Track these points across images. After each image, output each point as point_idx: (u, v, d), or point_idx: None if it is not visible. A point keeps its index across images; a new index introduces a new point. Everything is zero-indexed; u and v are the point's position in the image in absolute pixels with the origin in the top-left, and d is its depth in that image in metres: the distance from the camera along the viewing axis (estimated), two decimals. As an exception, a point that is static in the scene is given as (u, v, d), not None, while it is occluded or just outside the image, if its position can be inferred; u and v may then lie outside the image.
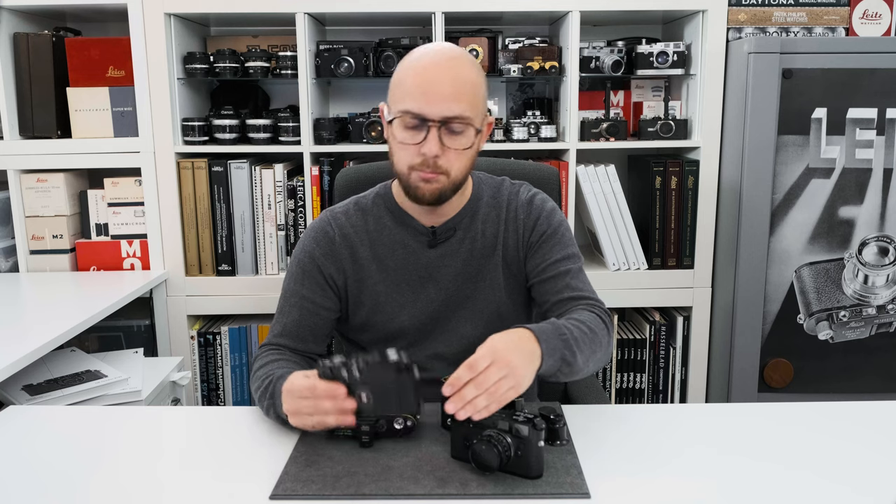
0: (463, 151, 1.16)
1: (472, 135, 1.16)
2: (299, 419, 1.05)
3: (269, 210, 2.12)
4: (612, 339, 1.19)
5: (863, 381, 2.07)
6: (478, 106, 1.16)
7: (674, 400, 2.26)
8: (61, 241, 2.11)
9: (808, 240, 2.00)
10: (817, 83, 1.93)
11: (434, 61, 1.14)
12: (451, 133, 1.14)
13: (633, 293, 2.15)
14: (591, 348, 1.11)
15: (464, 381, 0.95)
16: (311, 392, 1.02)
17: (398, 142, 1.17)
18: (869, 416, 1.17)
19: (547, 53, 2.11)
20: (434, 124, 1.13)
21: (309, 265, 1.27)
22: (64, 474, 1.00)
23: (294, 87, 2.07)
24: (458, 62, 1.15)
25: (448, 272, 1.27)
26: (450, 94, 1.12)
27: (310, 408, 1.03)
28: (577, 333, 1.09)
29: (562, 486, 0.94)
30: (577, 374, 1.10)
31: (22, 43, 2.04)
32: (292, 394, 1.04)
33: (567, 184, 2.10)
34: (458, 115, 1.13)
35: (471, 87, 1.15)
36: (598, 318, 1.17)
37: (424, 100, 1.12)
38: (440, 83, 1.12)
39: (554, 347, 1.05)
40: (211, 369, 2.21)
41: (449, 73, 1.13)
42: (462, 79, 1.14)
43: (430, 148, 1.13)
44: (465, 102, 1.13)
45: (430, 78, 1.13)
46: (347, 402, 1.01)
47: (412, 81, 1.14)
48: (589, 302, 1.22)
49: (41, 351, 1.46)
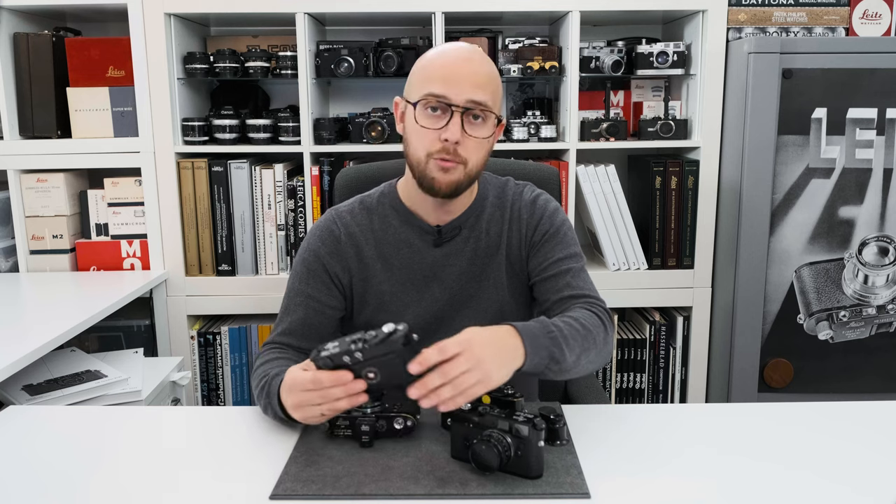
0: (482, 141, 1.18)
1: (492, 125, 1.18)
2: (305, 412, 1.03)
3: (269, 210, 2.12)
4: (610, 337, 1.18)
5: (863, 381, 2.07)
6: (497, 101, 1.19)
7: (674, 400, 2.26)
8: (61, 241, 2.11)
9: (808, 240, 2.00)
10: (817, 83, 1.93)
11: (458, 52, 1.18)
12: (472, 121, 1.16)
13: (633, 293, 2.15)
14: (584, 346, 1.10)
15: (431, 362, 0.94)
16: (316, 384, 1.00)
17: (419, 126, 1.16)
18: (869, 416, 1.17)
19: (547, 53, 2.11)
20: (458, 109, 1.14)
21: (314, 264, 1.27)
22: (64, 474, 1.00)
23: (294, 87, 2.07)
24: (480, 56, 1.19)
25: (453, 271, 1.28)
26: (475, 81, 1.15)
27: (317, 398, 1.00)
28: (568, 331, 1.09)
29: (562, 486, 0.94)
30: (569, 371, 1.10)
31: (22, 43, 2.04)
32: (295, 388, 1.03)
33: (567, 184, 2.10)
34: (483, 102, 1.15)
35: (494, 81, 1.18)
36: (595, 317, 1.16)
37: (450, 84, 1.14)
38: (466, 70, 1.15)
39: (540, 345, 1.04)
40: (211, 369, 2.21)
41: (473, 64, 1.16)
42: (486, 71, 1.17)
43: (452, 133, 1.13)
44: (488, 93, 1.16)
45: (456, 64, 1.15)
46: (357, 384, 0.99)
47: (438, 66, 1.16)
48: (588, 300, 1.21)
49: (41, 351, 1.46)
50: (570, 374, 1.11)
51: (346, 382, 0.99)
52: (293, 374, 1.05)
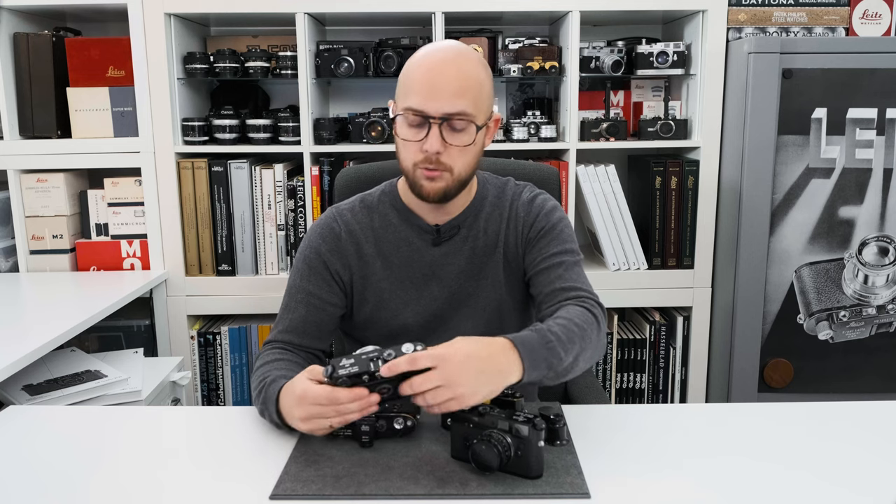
0: (465, 148, 1.17)
1: (473, 132, 1.17)
2: (313, 424, 1.02)
3: (269, 210, 2.12)
4: (603, 332, 1.17)
5: (863, 381, 2.07)
6: (481, 103, 1.17)
7: (674, 400, 2.26)
8: (61, 241, 2.11)
9: (808, 240, 2.00)
10: (817, 83, 1.93)
11: (439, 59, 1.16)
12: (452, 130, 1.15)
13: (633, 293, 2.15)
14: (581, 346, 1.10)
15: (399, 370, 0.94)
16: (333, 401, 0.98)
17: (402, 139, 1.18)
18: (869, 416, 1.17)
19: (547, 53, 2.11)
20: (435, 121, 1.14)
21: (315, 261, 1.28)
22: (64, 474, 1.00)
23: (294, 87, 2.07)
24: (462, 59, 1.16)
25: (451, 270, 1.28)
26: (452, 91, 1.13)
27: (331, 413, 0.99)
28: (564, 335, 1.08)
29: (562, 486, 0.94)
30: (564, 375, 1.09)
31: (22, 43, 2.04)
32: (306, 401, 1.01)
33: (567, 184, 2.10)
34: (460, 112, 1.14)
35: (475, 84, 1.16)
36: (588, 312, 1.16)
37: (426, 97, 1.13)
38: (442, 81, 1.13)
39: (538, 358, 1.03)
40: (211, 369, 2.21)
41: (452, 71, 1.14)
42: (465, 76, 1.15)
43: (431, 144, 1.14)
44: (468, 99, 1.14)
45: (432, 76, 1.14)
46: (373, 398, 0.98)
47: (415, 79, 1.15)
48: (579, 294, 1.20)
49: (41, 351, 1.46)
50: (565, 377, 1.11)
51: (363, 398, 0.98)
52: (303, 385, 1.02)
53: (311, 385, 1.01)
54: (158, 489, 0.96)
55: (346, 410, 0.99)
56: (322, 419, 1.01)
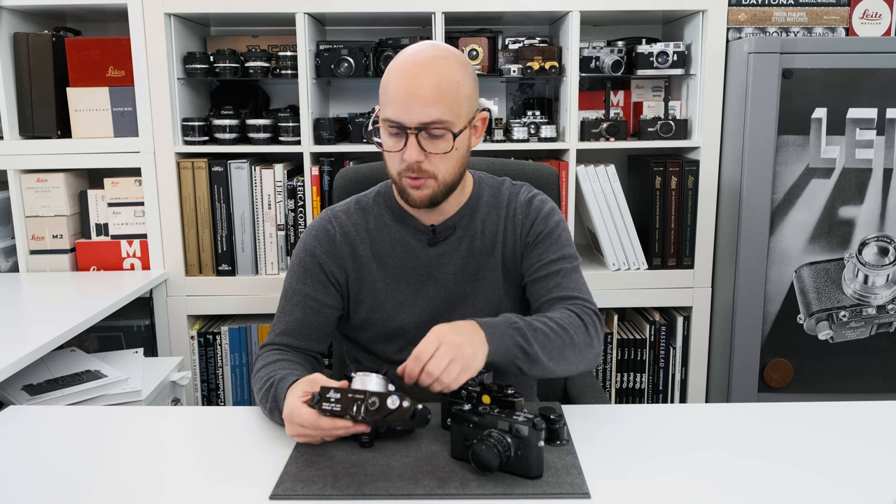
0: (445, 155, 1.17)
1: (451, 139, 1.16)
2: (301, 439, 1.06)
3: (269, 210, 2.12)
4: (594, 337, 1.18)
5: (863, 381, 2.07)
6: (458, 107, 1.16)
7: (674, 400, 2.26)
8: (61, 241, 2.11)
9: (808, 240, 2.00)
10: (817, 83, 1.93)
11: (413, 65, 1.14)
12: (431, 137, 1.15)
13: (633, 293, 2.15)
14: (560, 343, 1.11)
15: (416, 374, 1.01)
16: (316, 428, 1.03)
17: (385, 149, 1.20)
18: (869, 416, 1.17)
19: (547, 53, 2.11)
20: (412, 131, 1.14)
21: (311, 263, 1.28)
22: (64, 474, 1.00)
23: (294, 87, 2.07)
24: (439, 63, 1.15)
25: (447, 270, 1.28)
26: (426, 99, 1.12)
27: (316, 436, 1.05)
28: (539, 325, 1.11)
29: (562, 486, 0.94)
30: (545, 367, 1.11)
31: (22, 43, 2.04)
32: (293, 421, 1.05)
33: (567, 184, 2.10)
34: (435, 120, 1.14)
35: (451, 88, 1.14)
36: (575, 316, 1.17)
37: (401, 108, 1.14)
38: (417, 90, 1.13)
39: (503, 334, 1.08)
40: (211, 369, 2.21)
41: (427, 79, 1.13)
42: (440, 82, 1.13)
43: (410, 154, 1.15)
44: (443, 106, 1.13)
45: (407, 85, 1.13)
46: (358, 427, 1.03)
47: (392, 88, 1.15)
48: (574, 301, 1.21)
49: (41, 351, 1.46)
50: (549, 371, 1.12)
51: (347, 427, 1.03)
52: (293, 405, 1.05)
53: (299, 407, 1.05)
54: (158, 489, 0.97)
55: (330, 436, 1.05)
56: (307, 437, 1.06)
